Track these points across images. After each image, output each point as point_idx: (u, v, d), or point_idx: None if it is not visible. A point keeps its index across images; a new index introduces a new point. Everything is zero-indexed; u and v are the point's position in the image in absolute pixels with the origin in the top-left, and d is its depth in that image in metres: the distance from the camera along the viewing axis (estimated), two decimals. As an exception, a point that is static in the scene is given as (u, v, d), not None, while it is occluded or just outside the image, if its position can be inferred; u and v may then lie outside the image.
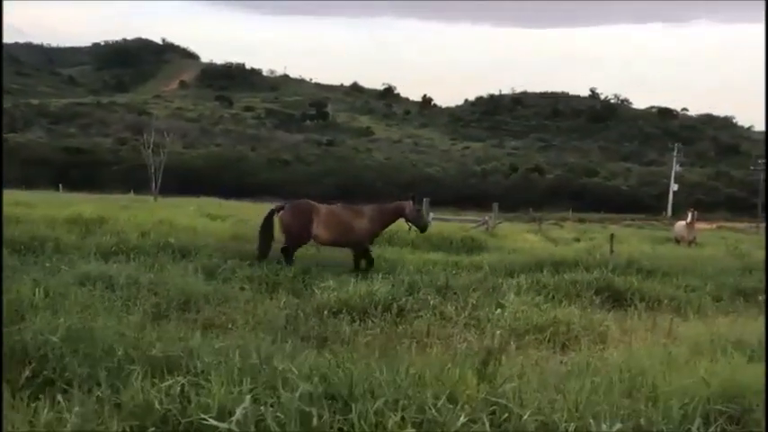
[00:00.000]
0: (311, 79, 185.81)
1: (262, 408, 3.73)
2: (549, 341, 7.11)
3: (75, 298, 6.94)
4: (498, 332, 6.60)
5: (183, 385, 3.96)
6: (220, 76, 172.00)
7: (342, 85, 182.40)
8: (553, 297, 10.35)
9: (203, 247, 12.41)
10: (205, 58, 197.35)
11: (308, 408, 3.67)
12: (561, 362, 6.02)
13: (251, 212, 23.96)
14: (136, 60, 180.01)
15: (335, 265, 11.92)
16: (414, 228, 13.00)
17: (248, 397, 3.75)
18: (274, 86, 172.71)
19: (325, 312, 7.59)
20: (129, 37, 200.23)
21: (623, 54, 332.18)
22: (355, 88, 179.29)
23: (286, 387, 4.00)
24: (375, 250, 13.21)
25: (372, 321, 7.38)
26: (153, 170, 49.87)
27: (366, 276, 10.60)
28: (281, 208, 12.46)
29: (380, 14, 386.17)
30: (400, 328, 7.32)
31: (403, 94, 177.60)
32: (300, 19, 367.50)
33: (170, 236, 13.50)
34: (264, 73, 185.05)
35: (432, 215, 19.09)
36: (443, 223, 20.47)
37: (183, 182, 56.41)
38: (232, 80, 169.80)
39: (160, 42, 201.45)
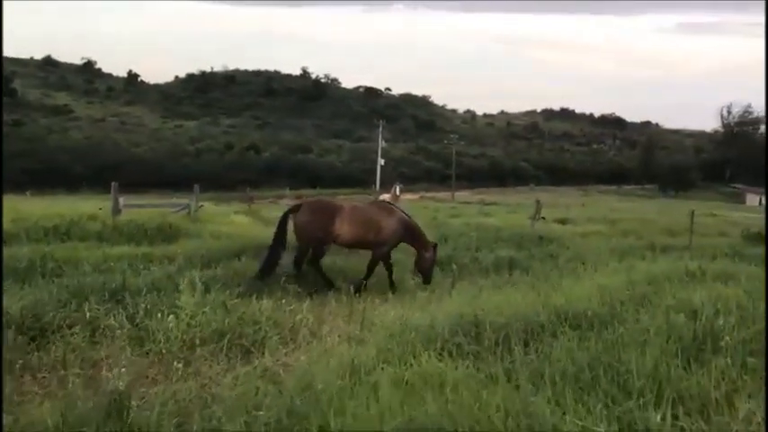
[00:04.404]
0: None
1: None
2: (231, 349, 5.98)
3: None
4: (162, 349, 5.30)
5: None
6: None
7: (32, 59, 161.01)
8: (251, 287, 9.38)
9: None
10: None
11: None
12: (236, 378, 4.89)
13: None
14: None
15: None
16: (417, 272, 11.49)
17: None
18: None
19: None
20: None
21: (329, 34, 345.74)
22: (49, 62, 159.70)
23: None
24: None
25: (-4, 350, 5.53)
26: None
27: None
28: (298, 208, 10.91)
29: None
30: (36, 355, 5.61)
31: (105, 70, 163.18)
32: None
33: None
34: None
35: (122, 201, 16.81)
36: (139, 210, 18.27)
37: None
38: None
39: None
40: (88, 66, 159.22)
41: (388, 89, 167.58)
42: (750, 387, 3.30)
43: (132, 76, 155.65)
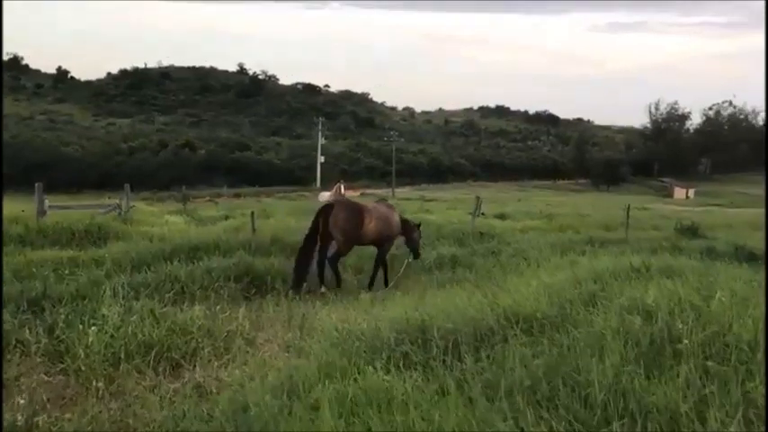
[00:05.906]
0: None
1: None
2: (159, 362, 5.51)
3: None
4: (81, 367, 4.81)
5: None
6: None
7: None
8: (183, 292, 8.91)
9: None
10: None
11: None
12: (162, 399, 4.45)
13: None
14: None
15: None
16: (410, 253, 12.32)
17: None
18: None
19: None
20: None
21: (266, 32, 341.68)
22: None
23: None
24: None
25: None
26: None
27: None
28: (331, 207, 10.84)
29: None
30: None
31: (33, 66, 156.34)
32: None
33: None
34: None
35: (47, 203, 15.91)
36: (66, 212, 17.32)
37: None
38: None
39: None
40: (14, 62, 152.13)
41: (327, 86, 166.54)
42: (717, 395, 3.11)
43: (62, 73, 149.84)
